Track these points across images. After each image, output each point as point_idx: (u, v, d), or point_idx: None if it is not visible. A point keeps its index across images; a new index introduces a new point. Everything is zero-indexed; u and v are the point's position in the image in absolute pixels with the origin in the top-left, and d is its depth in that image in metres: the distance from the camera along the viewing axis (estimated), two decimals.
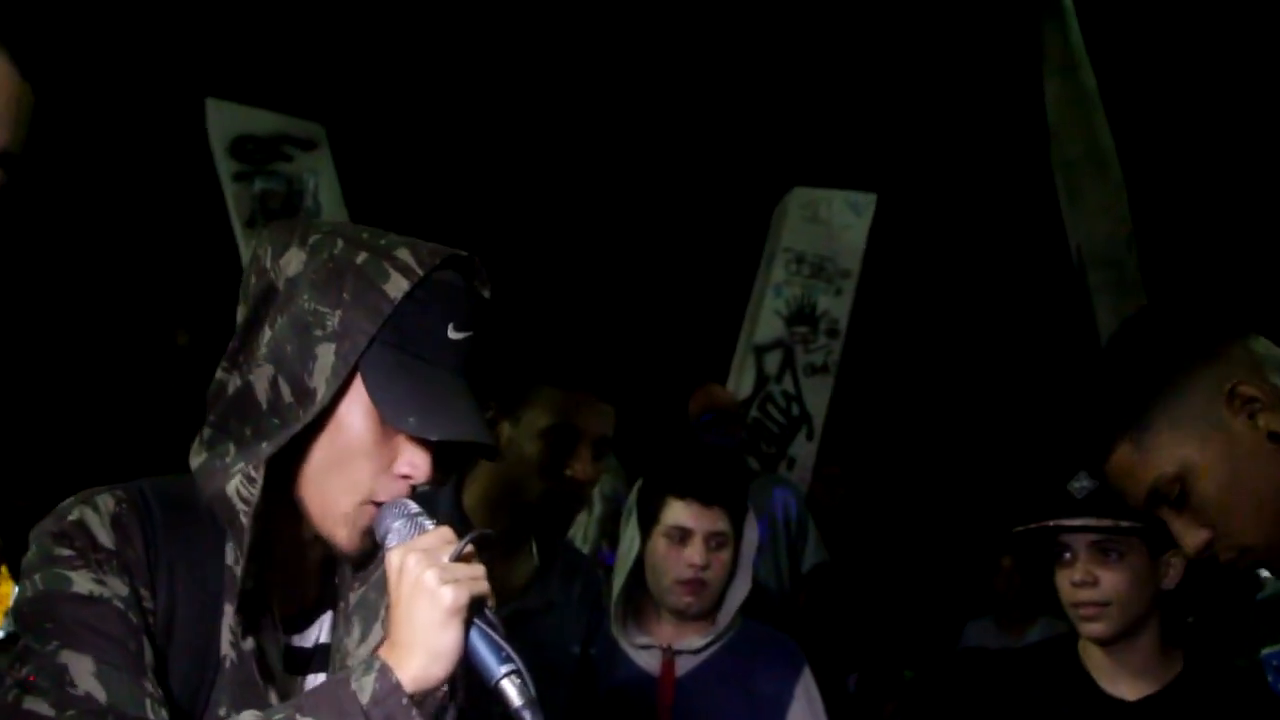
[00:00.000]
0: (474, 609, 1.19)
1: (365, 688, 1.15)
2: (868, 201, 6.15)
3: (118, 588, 1.19)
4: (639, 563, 2.52)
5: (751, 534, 2.57)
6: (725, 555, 2.48)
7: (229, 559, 1.27)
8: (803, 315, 6.00)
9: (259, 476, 1.23)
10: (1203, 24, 7.12)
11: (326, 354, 1.24)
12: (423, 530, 1.24)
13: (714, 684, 2.47)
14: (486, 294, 1.37)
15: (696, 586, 2.45)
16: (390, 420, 1.24)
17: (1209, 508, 1.41)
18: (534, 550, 2.19)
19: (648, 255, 8.15)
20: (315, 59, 7.16)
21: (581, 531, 4.65)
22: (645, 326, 8.07)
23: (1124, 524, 2.08)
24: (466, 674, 1.24)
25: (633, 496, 2.61)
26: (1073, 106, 6.19)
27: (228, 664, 1.25)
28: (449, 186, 7.81)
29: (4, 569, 3.34)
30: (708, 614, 2.51)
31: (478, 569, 1.21)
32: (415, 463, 1.27)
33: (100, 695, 1.13)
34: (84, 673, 1.14)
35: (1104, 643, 2.15)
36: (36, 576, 1.18)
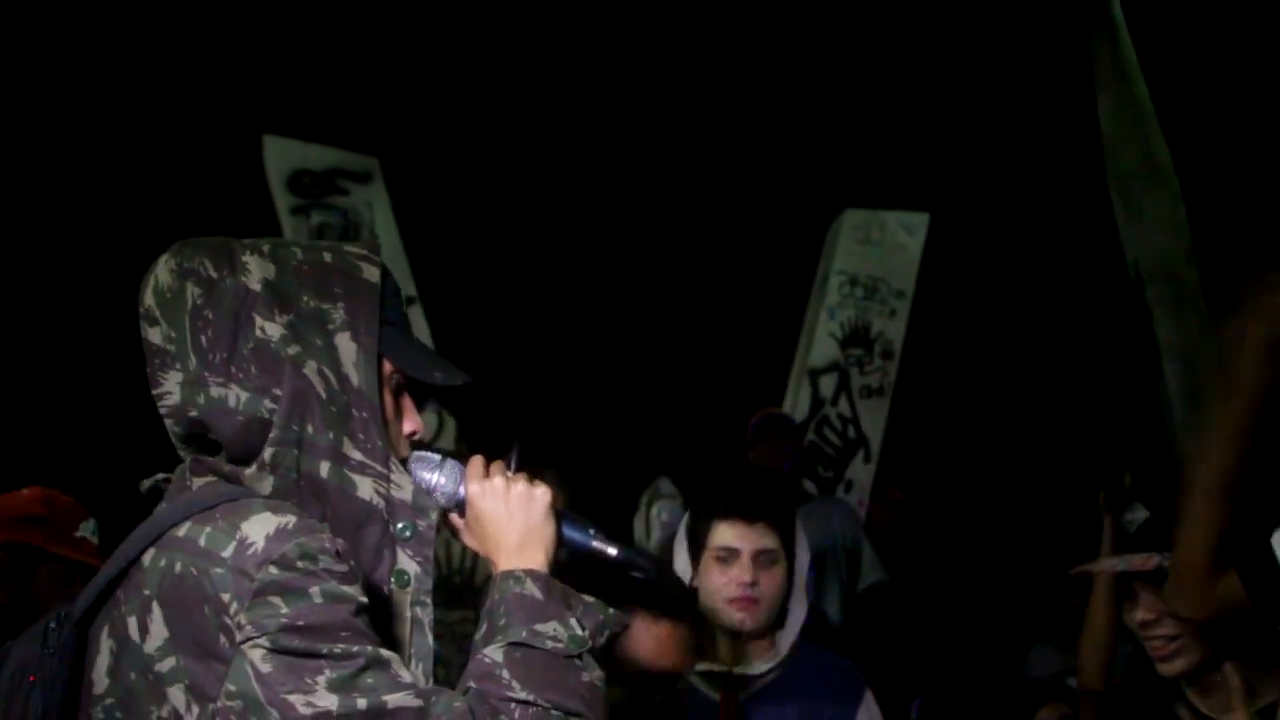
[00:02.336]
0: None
1: (534, 591, 1.39)
2: (920, 221, 6.12)
3: (366, 599, 1.30)
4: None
5: (804, 554, 2.55)
6: (777, 572, 2.46)
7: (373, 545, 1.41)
8: (857, 337, 5.98)
9: (392, 469, 1.40)
10: (1258, 30, 7.03)
11: (345, 343, 1.39)
12: (459, 466, 1.50)
13: (776, 709, 2.45)
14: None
15: (748, 604, 2.43)
16: (421, 377, 1.46)
17: None
18: None
19: (701, 281, 8.16)
20: (368, 93, 7.26)
21: None
22: (701, 352, 8.07)
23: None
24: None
25: (682, 525, 2.61)
26: (1126, 119, 6.11)
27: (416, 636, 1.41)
28: (502, 215, 7.87)
29: None
30: (764, 633, 2.50)
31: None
32: (418, 420, 1.50)
33: (418, 681, 1.31)
34: (399, 665, 1.28)
35: (1188, 678, 2.06)
36: (315, 589, 1.24)
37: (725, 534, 2.46)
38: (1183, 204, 6.05)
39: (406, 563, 1.40)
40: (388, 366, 1.44)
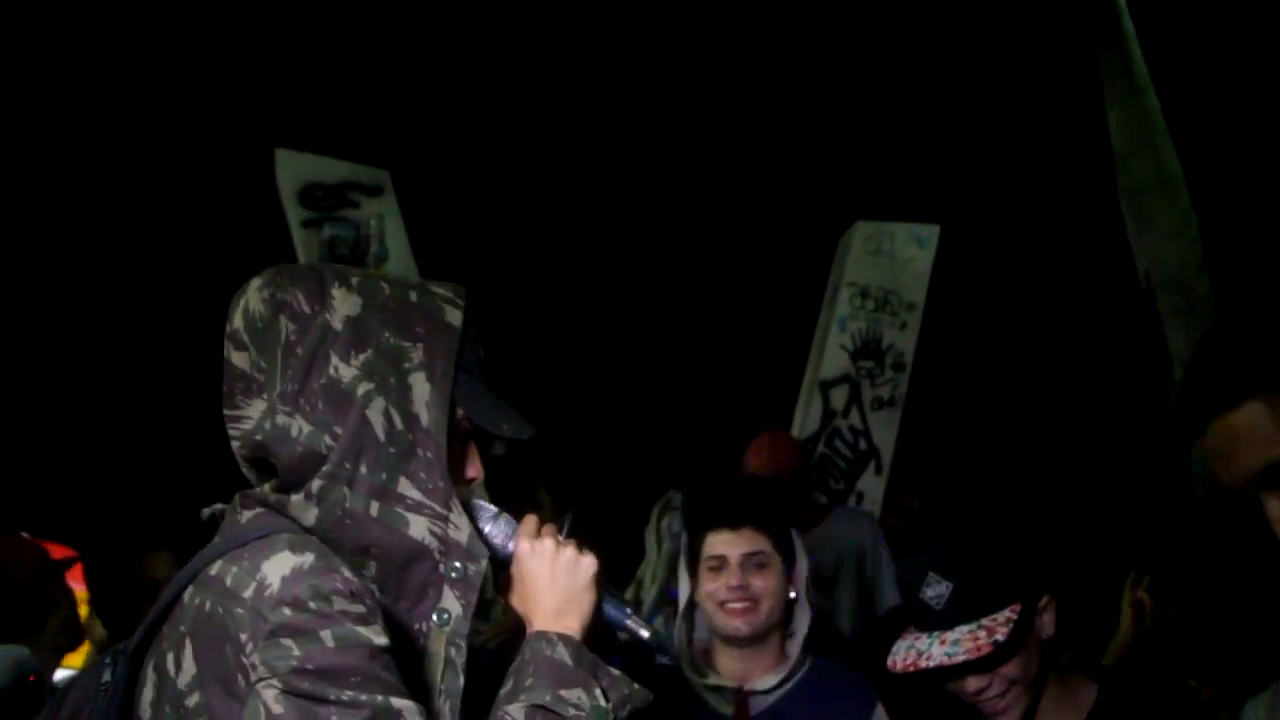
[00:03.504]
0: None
1: (564, 656, 1.41)
2: (931, 233, 6.11)
3: (389, 639, 1.31)
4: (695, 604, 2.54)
5: (803, 560, 2.56)
6: (769, 574, 2.47)
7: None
8: (868, 349, 5.96)
9: (451, 509, 1.41)
10: (1267, 43, 7.03)
11: (420, 383, 1.42)
12: (512, 522, 1.53)
13: (781, 717, 2.45)
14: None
15: (743, 606, 2.44)
16: (488, 428, 1.48)
17: None
18: None
19: (715, 291, 8.16)
20: (380, 107, 7.29)
21: (650, 570, 4.64)
22: (713, 363, 8.07)
23: (997, 634, 1.95)
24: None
25: (683, 543, 2.64)
26: (1137, 131, 6.11)
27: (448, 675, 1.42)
28: (513, 229, 7.88)
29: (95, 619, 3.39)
30: (769, 641, 2.49)
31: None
32: (479, 465, 1.52)
33: None
34: (412, 713, 1.27)
35: None
36: (326, 633, 1.25)
37: (714, 543, 2.50)
38: (1194, 215, 6.04)
39: (451, 602, 1.42)
40: (458, 411, 1.47)
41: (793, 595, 2.52)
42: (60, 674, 2.91)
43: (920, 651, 1.99)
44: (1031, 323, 8.20)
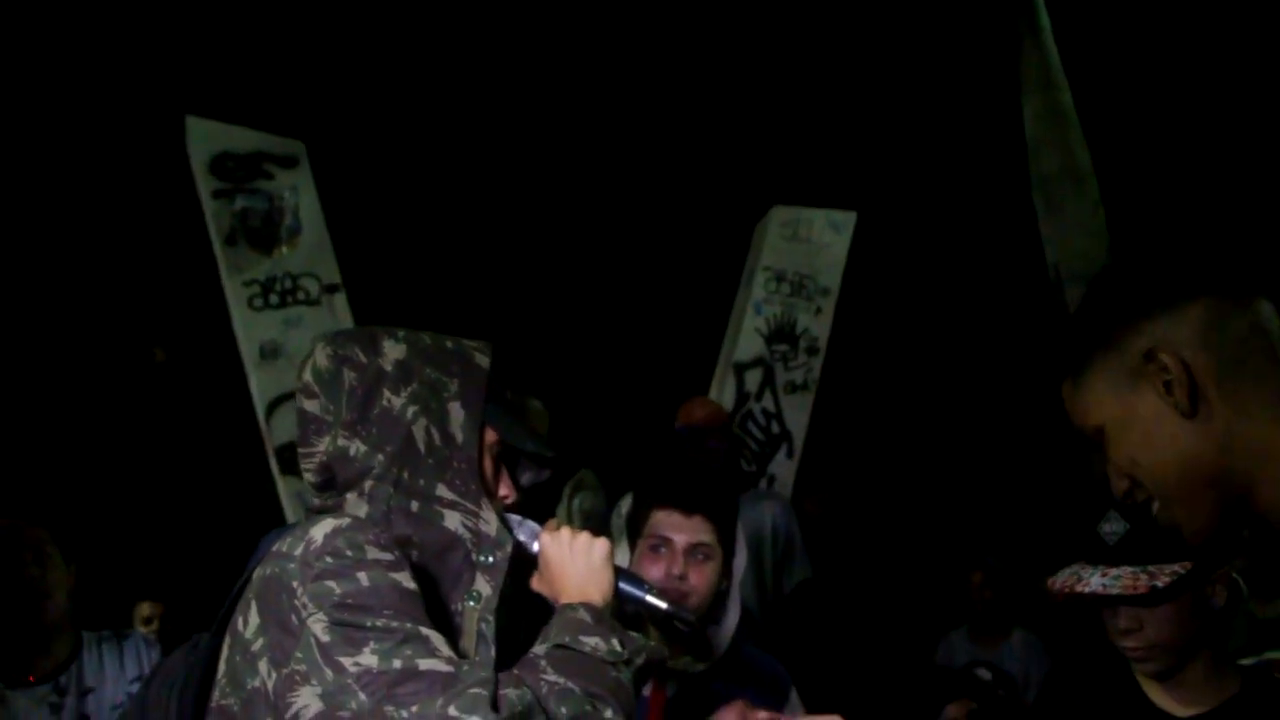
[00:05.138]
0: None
1: (584, 616, 1.61)
2: (848, 220, 6.16)
3: (417, 586, 1.55)
4: None
5: (741, 555, 2.53)
6: (709, 568, 2.43)
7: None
8: (783, 333, 6.01)
9: (482, 508, 1.69)
10: (1178, 41, 7.18)
11: (456, 410, 1.71)
12: (537, 527, 1.78)
13: (703, 707, 2.44)
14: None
15: (676, 597, 2.37)
16: (516, 444, 1.76)
17: (1119, 463, 1.38)
18: None
19: (629, 273, 8.15)
20: (295, 76, 7.15)
21: None
22: (627, 344, 8.07)
23: (1158, 580, 2.02)
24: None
25: (625, 513, 2.59)
26: (1050, 124, 6.22)
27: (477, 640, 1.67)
28: (429, 203, 7.80)
29: None
30: (695, 632, 2.48)
31: None
32: (510, 486, 1.79)
33: (457, 658, 1.49)
34: (440, 643, 1.49)
35: (1159, 677, 2.14)
36: (361, 574, 1.50)
37: (661, 523, 2.44)
38: (1102, 208, 6.16)
39: (482, 585, 1.69)
40: (491, 435, 1.75)
41: (724, 586, 2.50)
42: None
43: (1080, 578, 2.09)
44: (944, 309, 8.31)
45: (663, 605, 1.77)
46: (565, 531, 1.76)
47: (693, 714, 2.43)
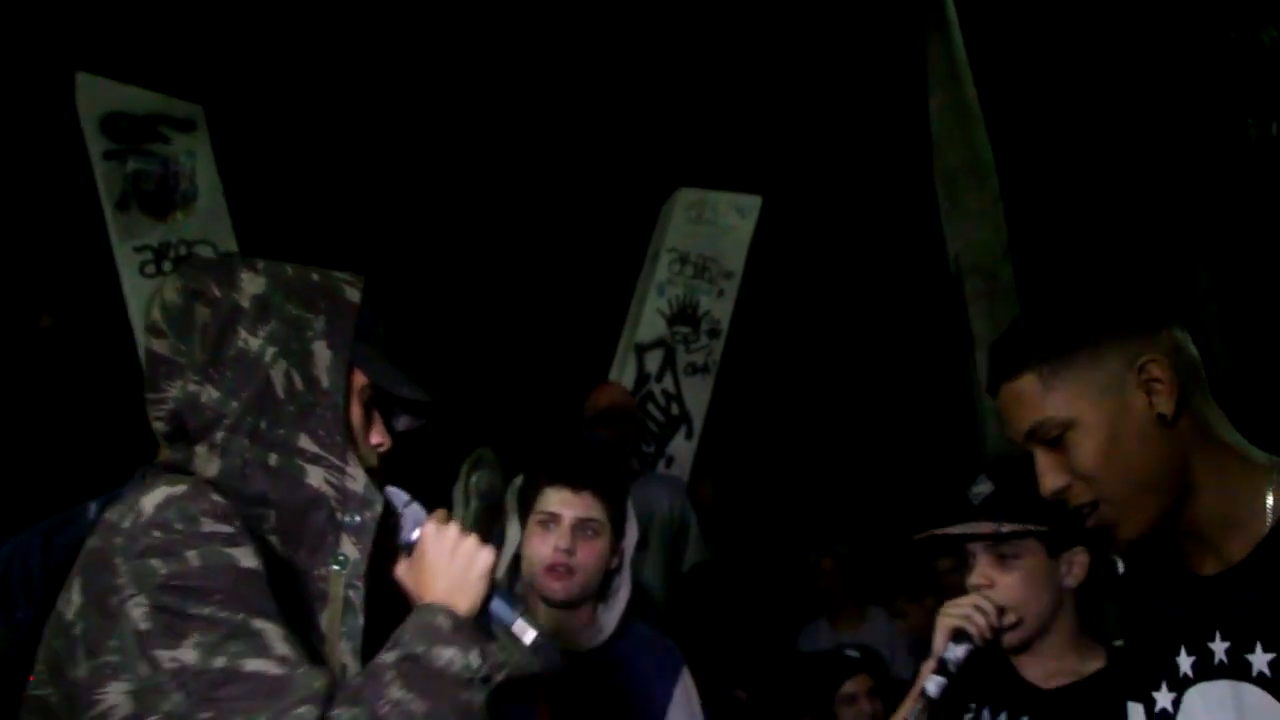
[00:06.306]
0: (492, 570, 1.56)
1: (443, 623, 1.46)
2: (753, 204, 6.19)
3: (259, 562, 1.40)
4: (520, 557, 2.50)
5: (633, 532, 2.54)
6: (597, 544, 2.44)
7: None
8: (685, 315, 6.02)
9: (348, 463, 1.52)
10: (1079, 40, 7.33)
11: (321, 349, 1.54)
12: (423, 510, 1.59)
13: (594, 683, 2.44)
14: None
15: (562, 572, 2.41)
16: (388, 388, 1.59)
17: (1080, 462, 1.47)
18: None
19: (533, 252, 8.10)
20: (195, 37, 6.97)
21: None
22: (527, 325, 8.02)
23: (1004, 528, 2.10)
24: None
25: (516, 490, 2.59)
26: (955, 118, 6.29)
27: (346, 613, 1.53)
28: (327, 173, 7.66)
29: None
30: (582, 607, 2.48)
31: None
32: (383, 433, 1.63)
33: (292, 656, 1.36)
34: (276, 638, 1.35)
35: (1016, 650, 2.17)
36: (191, 552, 1.35)
37: (550, 499, 2.45)
38: (1002, 203, 6.26)
39: (348, 547, 1.53)
40: (361, 379, 1.59)
41: (614, 564, 2.51)
42: None
43: (941, 528, 2.17)
44: (845, 296, 8.40)
45: (529, 635, 1.58)
46: (453, 529, 1.56)
47: (584, 692, 2.43)
